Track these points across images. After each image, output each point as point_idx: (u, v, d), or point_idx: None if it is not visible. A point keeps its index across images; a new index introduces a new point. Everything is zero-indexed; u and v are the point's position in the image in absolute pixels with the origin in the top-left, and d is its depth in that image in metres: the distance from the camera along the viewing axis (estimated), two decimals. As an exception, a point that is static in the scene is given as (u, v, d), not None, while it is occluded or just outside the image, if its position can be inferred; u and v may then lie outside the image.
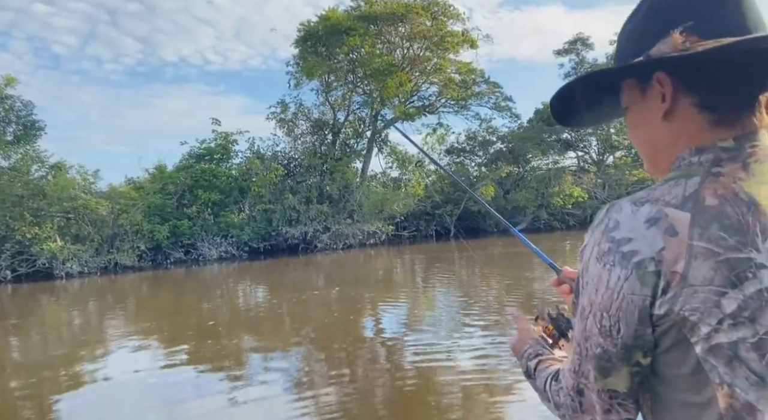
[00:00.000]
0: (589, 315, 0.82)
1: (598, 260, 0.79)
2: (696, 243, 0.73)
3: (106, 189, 23.32)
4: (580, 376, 0.86)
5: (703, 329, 0.73)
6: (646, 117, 0.89)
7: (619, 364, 0.81)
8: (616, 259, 0.77)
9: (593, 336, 0.82)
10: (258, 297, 13.86)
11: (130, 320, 11.36)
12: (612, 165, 31.64)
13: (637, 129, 0.94)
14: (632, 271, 0.75)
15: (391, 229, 24.97)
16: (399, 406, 5.15)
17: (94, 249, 20.94)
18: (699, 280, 0.72)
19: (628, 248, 0.76)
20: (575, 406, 0.89)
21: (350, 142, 28.06)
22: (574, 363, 0.87)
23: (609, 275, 0.77)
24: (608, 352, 0.81)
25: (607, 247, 0.78)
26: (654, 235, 0.75)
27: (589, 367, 0.84)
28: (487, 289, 12.36)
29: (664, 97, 0.85)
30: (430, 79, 28.10)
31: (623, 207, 0.80)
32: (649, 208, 0.77)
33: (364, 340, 8.11)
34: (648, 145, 0.93)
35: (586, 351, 0.84)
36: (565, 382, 0.91)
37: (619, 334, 0.79)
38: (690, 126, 0.84)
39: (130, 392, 5.93)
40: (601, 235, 0.80)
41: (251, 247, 23.46)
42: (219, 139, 24.73)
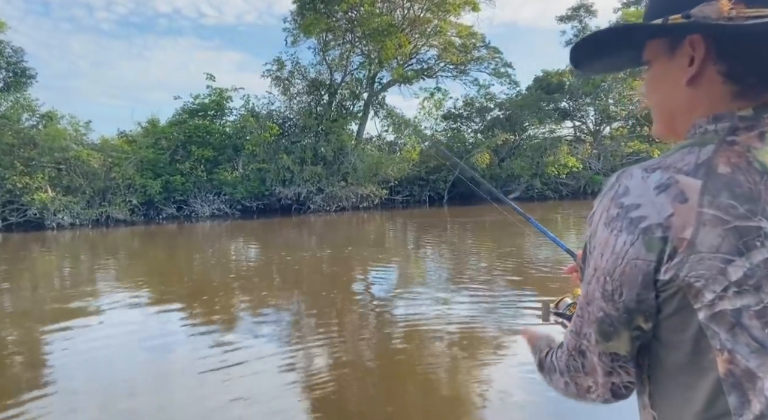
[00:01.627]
0: (593, 279, 0.82)
1: (605, 226, 0.80)
2: (705, 210, 0.73)
3: (98, 141, 23.09)
4: (582, 337, 0.87)
5: (707, 296, 0.73)
6: (669, 77, 0.87)
7: (620, 328, 0.82)
8: (624, 225, 0.77)
9: (596, 300, 0.82)
10: (250, 255, 13.95)
11: (122, 273, 11.43)
12: (608, 136, 31.56)
13: (656, 88, 0.91)
14: (638, 237, 0.76)
15: (384, 193, 24.99)
16: (386, 363, 5.28)
17: (86, 201, 20.88)
18: (706, 247, 0.72)
19: (637, 214, 0.76)
20: (577, 366, 0.90)
21: (346, 104, 27.74)
22: (576, 325, 0.88)
23: (615, 240, 0.78)
24: (610, 315, 0.81)
25: (616, 212, 0.78)
26: (663, 201, 0.75)
27: (591, 330, 0.85)
28: (477, 254, 12.50)
29: (692, 61, 0.82)
30: (429, 41, 27.61)
31: (634, 173, 0.79)
32: (660, 175, 0.77)
33: (354, 300, 8.23)
34: (663, 107, 0.90)
35: (588, 314, 0.84)
36: (567, 344, 0.92)
37: (621, 298, 0.79)
38: (711, 94, 0.82)
39: (121, 346, 6.01)
40: (610, 201, 0.80)
41: (244, 205, 23.46)
42: (213, 95, 24.38)
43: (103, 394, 4.67)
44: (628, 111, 29.51)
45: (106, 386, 4.86)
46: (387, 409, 4.25)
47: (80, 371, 5.27)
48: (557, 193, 28.26)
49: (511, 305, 7.27)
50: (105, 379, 5.06)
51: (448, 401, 4.31)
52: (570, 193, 28.52)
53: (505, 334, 5.96)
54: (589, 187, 29.20)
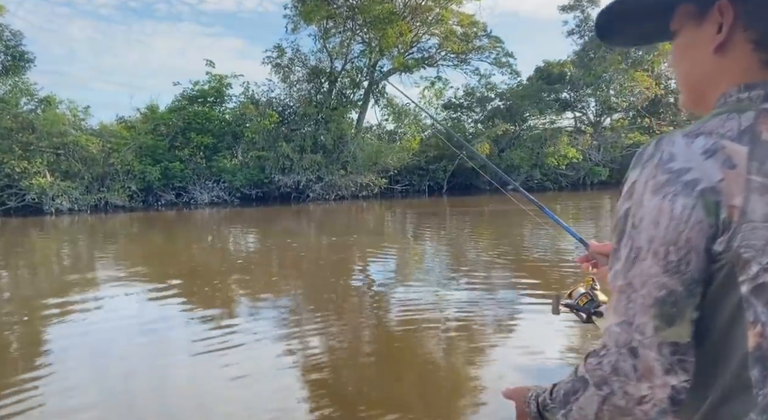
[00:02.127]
0: (648, 254, 0.74)
1: (654, 193, 0.74)
2: (754, 177, 0.70)
3: (97, 127, 23.00)
4: (634, 330, 0.75)
5: (753, 268, 0.70)
6: (696, 46, 0.85)
7: (685, 308, 0.74)
8: (679, 189, 0.72)
9: (654, 277, 0.74)
10: (249, 243, 13.96)
11: (120, 259, 11.44)
12: (609, 127, 31.50)
13: (683, 57, 0.88)
14: (697, 200, 0.71)
15: (384, 182, 24.97)
16: (384, 349, 5.30)
17: (84, 187, 20.84)
18: (758, 216, 0.70)
19: (689, 177, 0.72)
20: (627, 369, 0.75)
21: (347, 92, 27.62)
22: (625, 315, 0.76)
23: (672, 205, 0.72)
24: (674, 293, 0.73)
25: (665, 177, 0.73)
26: (712, 166, 0.71)
27: (647, 317, 0.74)
28: (476, 243, 12.52)
29: (720, 28, 0.80)
30: (430, 30, 27.44)
31: (675, 139, 0.75)
32: (705, 140, 0.73)
33: (353, 287, 8.25)
34: (690, 77, 0.88)
35: (643, 298, 0.75)
36: (612, 344, 0.77)
37: (689, 268, 0.73)
38: (740, 62, 0.80)
39: (118, 328, 6.03)
40: (655, 168, 0.75)
41: (243, 193, 23.44)
42: (213, 81, 24.26)
43: (99, 376, 4.70)
44: (629, 102, 29.42)
45: (103, 368, 4.89)
46: (384, 392, 4.28)
47: (77, 353, 5.29)
48: (557, 184, 28.26)
49: (510, 293, 7.30)
50: (102, 360, 5.08)
51: (445, 386, 4.34)
52: (569, 184, 28.52)
53: (502, 321, 5.99)
54: (588, 179, 29.20)
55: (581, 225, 15.30)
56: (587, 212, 19.15)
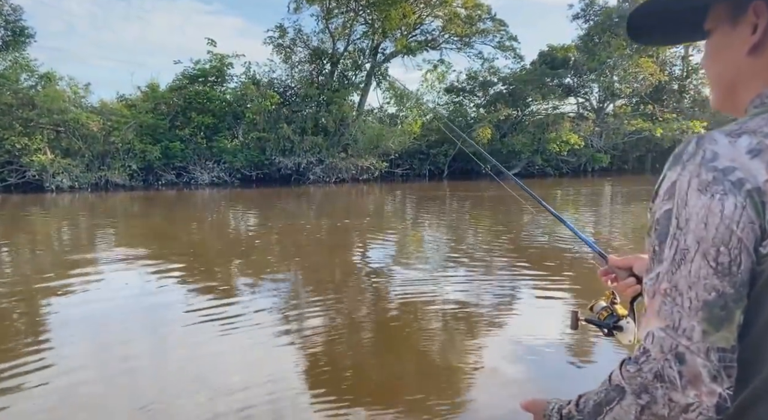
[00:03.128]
0: (697, 255, 0.71)
1: (702, 192, 0.71)
2: None
3: (97, 104, 22.88)
4: (680, 335, 0.71)
5: None
6: (730, 47, 0.84)
7: (733, 311, 0.71)
8: (727, 188, 0.70)
9: (703, 279, 0.71)
10: (249, 224, 14.00)
11: (121, 236, 11.49)
12: (611, 113, 31.35)
13: (717, 58, 0.87)
14: (747, 200, 0.69)
15: (384, 165, 24.92)
16: (382, 331, 5.37)
17: (85, 165, 20.82)
18: None
19: (736, 177, 0.70)
20: (673, 377, 0.71)
21: (348, 74, 27.40)
22: (670, 320, 0.72)
23: (722, 205, 0.70)
24: (724, 295, 0.70)
25: (711, 176, 0.71)
26: (758, 166, 0.70)
27: (695, 321, 0.71)
28: (475, 229, 12.57)
29: (755, 29, 0.79)
30: (434, 12, 27.12)
31: (717, 138, 0.73)
32: (749, 139, 0.72)
33: (351, 270, 8.31)
34: (723, 78, 0.87)
35: (690, 301, 0.71)
36: (656, 350, 0.73)
37: (740, 270, 0.70)
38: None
39: (118, 309, 6.08)
40: (699, 166, 0.72)
41: (243, 174, 23.42)
42: (214, 60, 24.05)
43: (99, 350, 4.76)
44: (633, 89, 29.23)
45: (103, 341, 4.96)
46: (380, 373, 4.34)
47: (77, 328, 5.36)
48: (558, 170, 28.21)
49: (509, 279, 7.35)
50: (102, 334, 5.16)
51: (441, 369, 4.40)
52: (570, 170, 28.47)
53: (501, 305, 6.05)
54: (589, 165, 29.14)
55: (582, 213, 15.33)
56: (588, 199, 19.17)
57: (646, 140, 28.81)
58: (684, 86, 32.73)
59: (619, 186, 22.67)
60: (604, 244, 10.32)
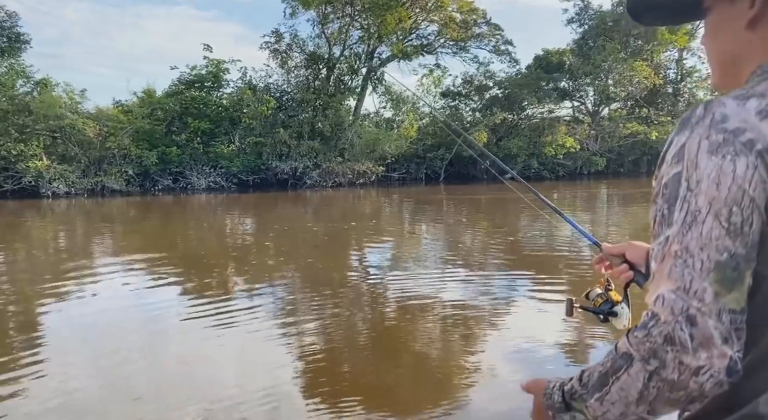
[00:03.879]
0: (708, 215, 0.71)
1: (712, 153, 0.71)
2: None
3: (94, 110, 22.86)
4: (692, 297, 0.70)
5: None
6: (728, 22, 0.84)
7: (745, 271, 0.70)
8: (738, 149, 0.70)
9: (715, 240, 0.70)
10: (246, 228, 13.99)
11: (117, 242, 11.46)
12: (607, 117, 31.49)
13: (716, 34, 0.88)
14: (758, 159, 0.69)
15: (381, 170, 24.95)
16: (379, 335, 5.37)
17: (81, 170, 20.79)
18: None
19: (747, 138, 0.70)
20: (684, 339, 0.70)
21: (344, 79, 27.48)
22: (682, 281, 0.71)
23: (734, 165, 0.70)
24: (736, 255, 0.70)
25: (722, 137, 0.71)
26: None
27: (706, 282, 0.70)
28: (472, 232, 12.58)
29: (753, 3, 0.80)
30: (430, 16, 27.24)
31: (726, 102, 0.73)
32: (758, 101, 0.72)
33: (349, 274, 8.31)
34: (723, 54, 0.88)
35: (702, 262, 0.70)
36: (666, 312, 0.71)
37: (752, 229, 0.70)
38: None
39: (113, 315, 6.06)
40: (708, 128, 0.72)
41: (240, 179, 23.41)
42: (210, 66, 24.07)
43: (95, 354, 4.75)
44: (628, 92, 29.38)
45: (98, 346, 4.94)
46: (378, 377, 4.34)
47: (73, 336, 5.34)
48: (554, 174, 28.30)
49: (506, 281, 7.36)
50: (97, 342, 5.13)
51: (439, 374, 4.40)
52: (567, 173, 28.57)
53: (498, 310, 6.06)
54: (585, 168, 29.25)
55: (578, 215, 15.37)
56: (584, 201, 19.23)
57: (642, 143, 28.94)
58: (678, 89, 32.92)
59: (615, 189, 22.75)
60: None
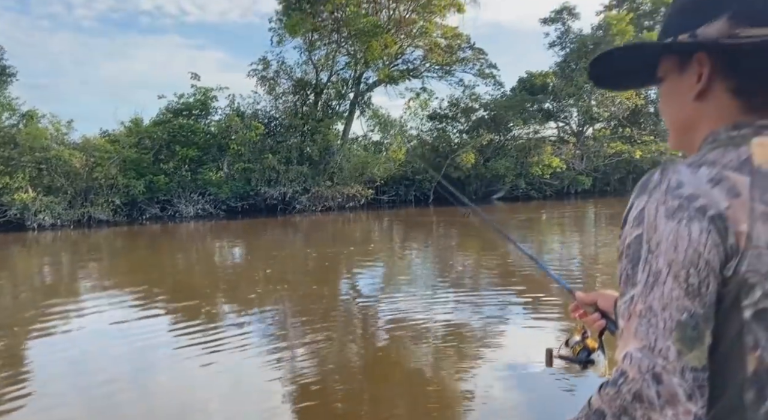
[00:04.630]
0: (668, 277, 0.74)
1: (669, 218, 0.75)
2: (757, 205, 0.73)
3: (80, 140, 22.77)
4: (657, 355, 0.73)
5: (757, 293, 0.73)
6: (680, 92, 0.89)
7: (704, 331, 0.74)
8: (692, 214, 0.74)
9: (675, 300, 0.74)
10: (235, 255, 13.88)
11: (104, 274, 11.31)
12: (591, 137, 31.91)
13: (669, 102, 0.94)
14: (710, 225, 0.73)
15: (370, 193, 24.98)
16: (372, 364, 5.31)
17: (67, 201, 20.59)
18: (763, 242, 0.73)
19: (699, 204, 0.74)
20: (651, 397, 0.73)
21: (332, 104, 27.68)
22: (646, 340, 0.74)
23: (689, 229, 0.73)
24: (695, 315, 0.73)
25: (677, 203, 0.75)
26: (719, 193, 0.74)
27: (669, 341, 0.73)
28: (462, 254, 12.58)
29: (700, 77, 0.85)
30: (415, 42, 27.67)
31: (679, 169, 0.78)
32: (708, 169, 0.76)
33: (340, 299, 8.25)
34: (677, 121, 0.93)
35: (665, 322, 0.74)
36: (634, 370, 0.74)
37: (708, 290, 0.74)
38: (720, 109, 0.85)
39: (101, 346, 5.96)
40: (664, 194, 0.76)
41: (229, 205, 23.31)
42: (198, 94, 24.17)
43: (82, 388, 4.64)
44: (611, 112, 29.86)
45: (86, 380, 4.84)
46: (371, 405, 4.28)
47: (59, 371, 5.22)
48: (541, 193, 28.50)
49: (496, 304, 7.34)
50: (85, 373, 5.03)
51: (433, 401, 4.35)
52: (554, 193, 28.78)
53: (489, 333, 6.03)
54: (572, 187, 29.49)
55: (567, 235, 15.45)
56: (572, 221, 19.35)
57: (626, 162, 29.30)
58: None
59: (602, 208, 22.93)
60: (589, 265, 10.39)
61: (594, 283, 8.65)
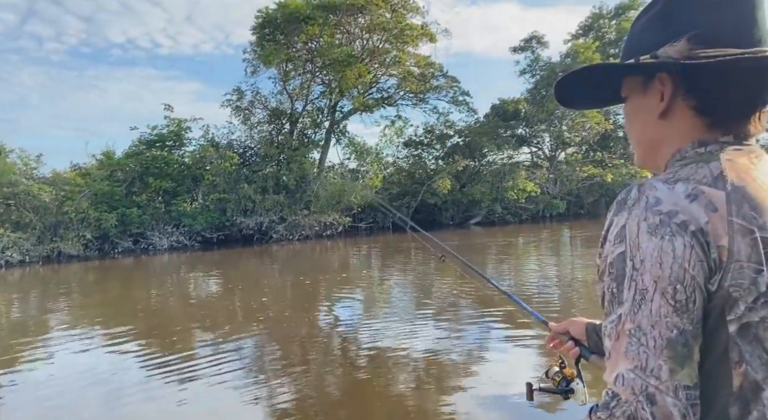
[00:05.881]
0: (655, 294, 0.72)
1: (652, 234, 0.73)
2: (734, 219, 0.73)
3: (50, 175, 22.32)
4: (649, 375, 0.71)
5: (740, 307, 0.73)
6: (644, 111, 0.91)
7: (694, 347, 0.72)
8: (674, 230, 0.73)
9: (665, 317, 0.72)
10: (210, 287, 13.60)
11: (74, 311, 10.94)
12: (564, 161, 32.56)
13: (634, 121, 0.95)
14: (693, 239, 0.72)
15: (348, 220, 24.93)
16: (352, 394, 5.18)
17: (36, 237, 20.04)
18: (743, 255, 0.72)
19: (680, 219, 0.73)
20: (646, 419, 0.70)
21: (308, 133, 27.80)
22: (638, 360, 0.72)
23: (673, 245, 0.72)
24: (685, 332, 0.71)
25: (658, 219, 0.74)
26: (697, 209, 0.74)
27: (661, 360, 0.71)
28: (441, 279, 12.54)
29: (662, 97, 0.87)
30: (389, 71, 28.12)
31: (656, 185, 0.77)
32: (684, 186, 0.76)
33: (319, 330, 8.10)
34: (641, 139, 0.94)
35: (655, 340, 0.71)
36: (627, 392, 0.72)
37: (695, 306, 0.72)
38: (683, 127, 0.86)
39: (72, 386, 5.72)
40: (644, 210, 0.75)
41: (204, 236, 22.96)
42: (171, 125, 24.01)
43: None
44: (581, 137, 30.59)
45: None
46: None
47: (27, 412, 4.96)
48: (517, 218, 28.81)
49: (476, 330, 7.29)
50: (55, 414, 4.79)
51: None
52: (529, 217, 29.11)
53: (470, 359, 5.96)
54: (547, 211, 29.89)
55: (544, 258, 15.57)
56: (549, 244, 19.53)
57: (599, 186, 29.91)
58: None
59: (577, 230, 23.24)
60: (566, 287, 10.45)
61: (571, 306, 8.68)
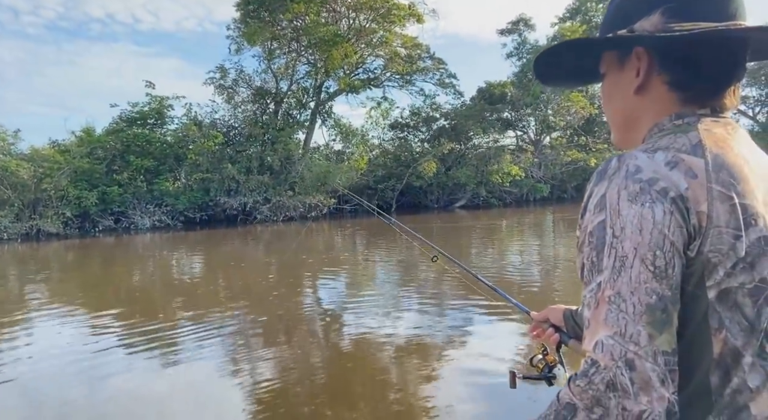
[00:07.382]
0: (635, 260, 0.73)
1: (632, 202, 0.74)
2: (713, 186, 0.75)
3: (28, 151, 21.86)
4: (628, 341, 0.71)
5: (719, 272, 0.74)
6: (620, 87, 0.92)
7: (672, 313, 0.72)
8: (654, 196, 0.74)
9: (644, 283, 0.72)
10: (193, 267, 13.52)
11: (53, 290, 10.81)
12: (548, 145, 32.73)
13: (611, 97, 0.96)
14: (673, 206, 0.73)
15: (332, 202, 24.86)
16: (335, 375, 5.21)
17: (15, 214, 19.70)
18: (722, 221, 0.74)
19: (660, 186, 0.74)
20: (625, 384, 0.70)
21: (293, 113, 27.51)
22: (617, 326, 0.72)
23: (653, 212, 0.73)
24: (664, 298, 0.72)
25: (638, 187, 0.75)
26: (677, 175, 0.75)
27: (640, 325, 0.71)
28: (425, 262, 12.60)
29: (638, 72, 0.87)
30: (375, 52, 27.84)
31: (636, 155, 0.78)
32: (664, 154, 0.77)
33: (302, 311, 8.11)
34: (619, 115, 0.95)
35: (634, 306, 0.72)
36: (606, 358, 0.72)
37: (674, 272, 0.73)
38: (659, 101, 0.87)
39: (52, 368, 5.67)
40: (625, 179, 0.76)
41: (187, 216, 22.76)
42: (153, 102, 23.58)
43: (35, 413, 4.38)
44: (566, 121, 30.72)
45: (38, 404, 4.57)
46: (335, 413, 4.19)
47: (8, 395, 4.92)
48: (501, 201, 29.00)
49: (459, 312, 7.36)
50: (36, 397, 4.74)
51: (396, 410, 4.29)
52: (513, 200, 29.32)
53: (452, 342, 6.02)
54: (531, 195, 30.12)
55: (527, 242, 15.71)
56: (532, 227, 19.71)
57: (582, 170, 30.16)
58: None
59: (560, 214, 23.47)
60: (549, 270, 10.58)
61: (552, 290, 8.80)
